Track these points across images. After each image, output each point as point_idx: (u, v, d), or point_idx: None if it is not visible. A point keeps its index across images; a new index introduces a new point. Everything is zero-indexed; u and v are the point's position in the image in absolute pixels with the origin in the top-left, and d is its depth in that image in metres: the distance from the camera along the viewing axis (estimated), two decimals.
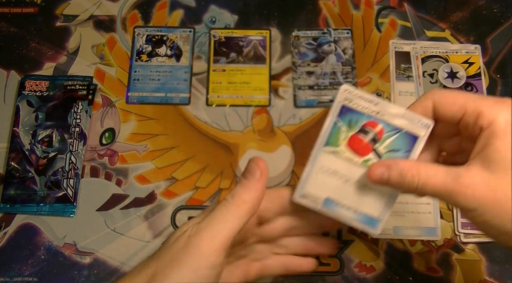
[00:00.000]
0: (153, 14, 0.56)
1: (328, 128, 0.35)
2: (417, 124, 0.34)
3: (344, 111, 0.35)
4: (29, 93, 0.50)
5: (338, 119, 0.35)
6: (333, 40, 0.54)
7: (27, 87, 0.51)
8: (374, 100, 0.35)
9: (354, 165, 0.35)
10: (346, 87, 0.35)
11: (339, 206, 0.35)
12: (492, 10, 0.56)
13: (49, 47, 0.54)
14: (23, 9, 0.56)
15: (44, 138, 0.48)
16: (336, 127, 0.35)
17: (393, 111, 0.34)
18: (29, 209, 0.47)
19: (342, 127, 0.35)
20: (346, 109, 0.35)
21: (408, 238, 0.46)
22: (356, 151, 0.35)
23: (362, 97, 0.35)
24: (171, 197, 0.48)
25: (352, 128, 0.35)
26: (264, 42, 0.55)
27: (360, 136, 0.35)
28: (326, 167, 0.35)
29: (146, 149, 0.50)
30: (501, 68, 0.54)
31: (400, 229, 0.46)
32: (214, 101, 0.52)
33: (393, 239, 0.46)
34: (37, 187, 0.47)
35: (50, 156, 0.48)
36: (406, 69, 0.53)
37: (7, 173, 0.48)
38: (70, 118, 0.50)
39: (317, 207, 0.36)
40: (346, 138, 0.35)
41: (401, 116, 0.34)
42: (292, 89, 0.53)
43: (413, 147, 0.34)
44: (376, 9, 0.56)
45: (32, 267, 0.45)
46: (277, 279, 0.45)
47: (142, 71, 0.53)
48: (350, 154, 0.35)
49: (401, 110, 0.34)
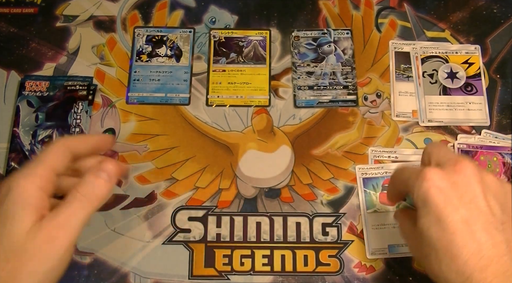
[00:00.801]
0: (153, 15, 0.56)
1: (363, 197, 0.48)
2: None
3: (366, 181, 0.48)
4: (29, 94, 0.50)
5: (364, 189, 0.48)
6: (333, 40, 0.55)
7: (27, 88, 0.51)
8: (379, 166, 0.48)
9: (392, 213, 0.46)
10: (358, 167, 0.49)
11: (400, 246, 0.45)
12: (492, 10, 0.56)
13: (49, 47, 0.54)
14: (23, 9, 0.56)
15: (44, 138, 0.48)
16: (367, 194, 0.47)
17: (393, 167, 0.48)
18: None
19: (371, 192, 0.48)
20: (366, 180, 0.48)
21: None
22: (387, 203, 0.47)
23: (371, 167, 0.48)
24: (171, 197, 0.48)
25: (377, 190, 0.48)
26: (264, 42, 0.55)
27: (384, 192, 0.47)
28: (376, 223, 0.46)
29: (146, 149, 0.50)
30: (501, 68, 0.54)
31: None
32: (214, 101, 0.52)
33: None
34: None
35: None
36: (406, 69, 0.53)
37: (8, 174, 0.48)
38: (70, 118, 0.50)
39: (387, 255, 0.45)
40: (377, 198, 0.47)
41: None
42: (292, 89, 0.53)
43: None
44: (376, 9, 0.56)
45: None
46: (277, 279, 0.45)
47: (142, 71, 0.53)
48: (385, 207, 0.47)
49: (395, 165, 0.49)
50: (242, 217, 0.47)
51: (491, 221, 0.29)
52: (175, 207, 0.48)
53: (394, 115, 0.52)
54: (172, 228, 0.47)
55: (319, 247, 0.46)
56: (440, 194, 0.29)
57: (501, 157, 0.49)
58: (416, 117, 0.51)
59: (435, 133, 0.51)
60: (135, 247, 0.46)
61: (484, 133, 0.51)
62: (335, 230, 0.47)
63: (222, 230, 0.47)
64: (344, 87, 0.53)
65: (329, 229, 0.47)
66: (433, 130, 0.51)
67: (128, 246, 0.46)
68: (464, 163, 0.31)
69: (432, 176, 0.30)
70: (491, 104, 0.52)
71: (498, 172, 0.49)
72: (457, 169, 0.30)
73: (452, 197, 0.29)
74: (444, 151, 0.33)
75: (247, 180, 0.49)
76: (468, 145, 0.50)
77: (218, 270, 0.45)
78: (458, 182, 0.30)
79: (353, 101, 0.52)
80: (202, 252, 0.46)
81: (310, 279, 0.45)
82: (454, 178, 0.30)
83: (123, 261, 0.46)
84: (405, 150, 0.50)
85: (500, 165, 0.49)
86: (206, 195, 0.48)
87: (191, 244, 0.46)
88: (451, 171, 0.30)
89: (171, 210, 0.48)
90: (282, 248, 0.46)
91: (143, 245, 0.46)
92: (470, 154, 0.49)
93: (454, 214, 0.29)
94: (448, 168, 0.31)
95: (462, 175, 0.30)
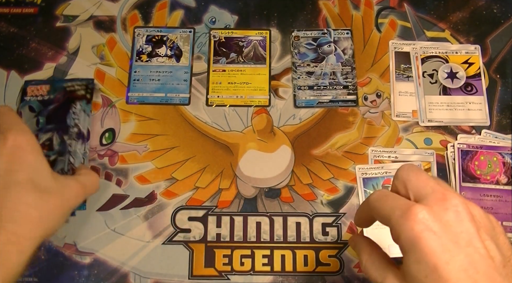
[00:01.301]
0: (153, 14, 0.56)
1: (363, 197, 0.48)
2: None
3: (366, 181, 0.48)
4: (31, 98, 0.50)
5: (364, 189, 0.48)
6: (333, 40, 0.55)
7: (28, 93, 0.51)
8: (379, 166, 0.48)
9: None
10: (358, 167, 0.49)
11: None
12: (492, 10, 0.56)
13: (49, 47, 0.54)
14: (23, 9, 0.56)
15: (45, 142, 0.48)
16: (367, 194, 0.47)
17: (393, 167, 0.49)
18: None
19: (371, 192, 0.45)
20: (366, 180, 0.48)
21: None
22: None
23: (371, 167, 0.48)
24: (171, 197, 0.48)
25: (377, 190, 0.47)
26: (264, 42, 0.55)
27: None
28: (376, 224, 0.46)
29: (146, 149, 0.50)
30: (501, 68, 0.54)
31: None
32: (214, 101, 0.52)
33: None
34: None
35: (51, 159, 0.48)
36: (406, 69, 0.53)
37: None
38: (69, 119, 0.49)
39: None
40: None
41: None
42: (292, 89, 0.53)
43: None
44: (376, 9, 0.56)
45: (32, 267, 0.45)
46: (277, 279, 0.45)
47: (142, 71, 0.53)
48: None
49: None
50: (242, 217, 0.47)
51: (492, 266, 0.26)
52: (175, 207, 0.48)
53: (394, 115, 0.52)
54: (172, 228, 0.47)
55: (319, 247, 0.46)
56: (435, 240, 0.26)
57: (501, 157, 0.49)
58: (416, 117, 0.51)
59: (435, 133, 0.51)
60: (135, 247, 0.46)
61: (484, 133, 0.51)
62: (335, 230, 0.47)
63: (222, 230, 0.47)
64: (344, 87, 0.53)
65: (329, 229, 0.47)
66: (433, 130, 0.51)
67: (128, 246, 0.46)
68: (452, 197, 0.27)
69: (423, 217, 0.27)
70: (491, 104, 0.52)
71: (498, 172, 0.49)
72: (447, 206, 0.27)
73: (447, 242, 0.26)
74: (423, 179, 0.29)
75: (247, 180, 0.49)
76: (468, 145, 0.50)
77: (218, 270, 0.46)
78: (450, 222, 0.27)
79: (353, 101, 0.52)
80: (202, 252, 0.46)
81: (310, 279, 0.45)
82: (445, 217, 0.27)
83: (123, 261, 0.46)
84: (405, 150, 0.50)
85: (500, 165, 0.49)
86: (206, 195, 0.48)
87: (191, 244, 0.46)
88: (441, 208, 0.27)
89: (171, 210, 0.48)
90: (282, 248, 0.46)
91: (143, 245, 0.46)
92: (470, 154, 0.49)
93: (453, 263, 0.25)
94: (435, 203, 0.27)
95: (453, 212, 0.27)
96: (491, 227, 0.28)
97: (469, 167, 0.49)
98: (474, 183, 0.48)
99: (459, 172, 0.49)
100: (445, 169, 0.49)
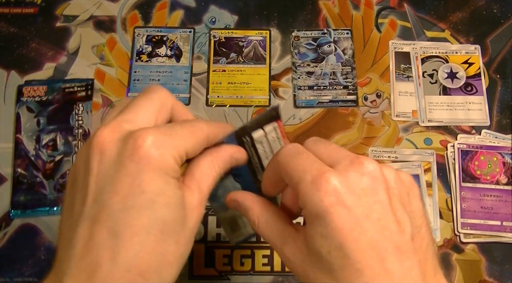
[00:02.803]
0: (153, 15, 0.56)
1: None
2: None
3: None
4: (27, 99, 0.50)
5: None
6: (333, 40, 0.55)
7: (25, 94, 0.51)
8: None
9: None
10: None
11: None
12: (492, 10, 0.56)
13: (49, 47, 0.54)
14: (23, 9, 0.56)
15: (49, 142, 0.48)
16: None
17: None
18: (41, 213, 0.47)
19: None
20: None
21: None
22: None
23: None
24: None
25: None
26: (264, 42, 0.55)
27: None
28: None
29: None
30: (501, 68, 0.54)
31: None
32: (214, 101, 0.52)
33: None
34: (47, 191, 0.47)
35: (56, 160, 0.48)
36: (406, 69, 0.53)
37: (15, 180, 0.48)
38: (72, 120, 0.50)
39: None
40: None
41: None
42: (292, 89, 0.53)
43: None
44: (376, 10, 0.56)
45: (32, 268, 0.45)
46: (277, 279, 0.45)
47: (142, 71, 0.53)
48: None
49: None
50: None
51: (402, 241, 0.24)
52: None
53: (394, 115, 0.52)
54: None
55: None
56: (345, 216, 0.23)
57: (501, 157, 0.49)
58: (416, 117, 0.51)
59: (435, 133, 0.51)
60: None
61: (484, 133, 0.51)
62: None
63: (222, 230, 0.47)
64: (344, 87, 0.53)
65: None
66: (433, 130, 0.51)
67: None
68: (368, 161, 0.25)
69: (336, 187, 0.24)
70: (491, 104, 0.52)
71: (498, 172, 0.49)
72: (363, 171, 0.25)
73: (359, 216, 0.24)
74: (333, 147, 0.27)
75: None
76: (468, 145, 0.50)
77: (218, 270, 0.46)
78: (365, 191, 0.24)
79: (353, 101, 0.52)
80: (202, 252, 0.46)
81: None
82: (360, 185, 0.24)
83: None
84: (405, 150, 0.50)
85: (500, 165, 0.49)
86: None
87: None
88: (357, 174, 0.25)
89: None
90: None
91: None
92: (470, 154, 0.49)
93: (361, 240, 0.23)
94: (351, 168, 0.25)
95: (369, 179, 0.24)
96: (405, 193, 0.26)
97: (469, 167, 0.49)
98: (474, 183, 0.48)
99: (459, 172, 0.49)
100: (445, 169, 0.49)
